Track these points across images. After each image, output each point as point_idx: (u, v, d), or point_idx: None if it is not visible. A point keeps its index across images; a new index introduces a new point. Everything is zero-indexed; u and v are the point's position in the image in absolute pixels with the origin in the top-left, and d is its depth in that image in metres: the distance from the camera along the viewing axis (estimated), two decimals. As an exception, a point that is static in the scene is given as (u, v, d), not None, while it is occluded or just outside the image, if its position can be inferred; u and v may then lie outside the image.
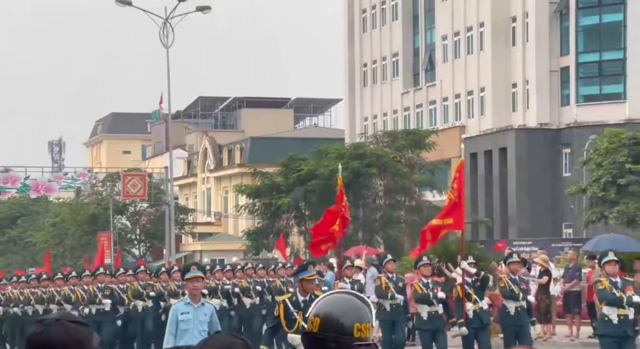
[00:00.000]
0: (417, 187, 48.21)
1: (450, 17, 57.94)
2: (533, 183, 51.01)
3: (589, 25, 52.27)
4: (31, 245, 61.94)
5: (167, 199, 47.19)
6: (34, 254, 56.05)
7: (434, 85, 59.85)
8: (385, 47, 64.10)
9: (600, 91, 52.11)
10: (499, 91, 54.64)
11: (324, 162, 45.80)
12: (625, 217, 40.22)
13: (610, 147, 41.01)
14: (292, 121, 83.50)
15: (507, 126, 53.26)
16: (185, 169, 78.46)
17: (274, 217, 47.46)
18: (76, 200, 63.53)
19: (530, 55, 53.20)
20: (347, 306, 3.86)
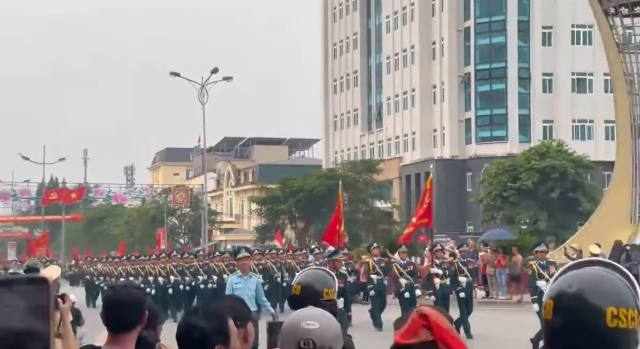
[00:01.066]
0: (370, 198, 48.55)
1: (393, 85, 57.81)
2: (448, 196, 50.63)
3: (483, 91, 52.02)
4: (112, 237, 61.69)
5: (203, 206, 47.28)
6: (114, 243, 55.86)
7: (382, 131, 59.60)
8: (349, 104, 63.97)
9: (491, 135, 51.76)
10: (425, 134, 54.28)
11: (309, 182, 45.98)
12: (507, 218, 40.41)
13: (498, 172, 41.11)
14: (287, 153, 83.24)
15: (430, 158, 53.02)
16: (215, 186, 78.22)
17: (274, 219, 47.58)
18: (142, 207, 63.60)
19: (446, 110, 52.96)
20: (319, 277, 3.95)
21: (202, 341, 2.37)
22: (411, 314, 2.41)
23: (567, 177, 39.39)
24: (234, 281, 10.87)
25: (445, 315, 2.39)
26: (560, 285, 1.72)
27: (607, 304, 1.65)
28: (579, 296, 1.67)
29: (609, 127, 46.96)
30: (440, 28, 53.50)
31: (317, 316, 2.45)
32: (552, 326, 1.70)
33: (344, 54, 64.81)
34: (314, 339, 2.37)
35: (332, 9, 66.56)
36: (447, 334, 2.33)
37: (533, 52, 50.93)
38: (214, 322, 2.40)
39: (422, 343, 2.32)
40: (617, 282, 1.70)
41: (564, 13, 50.31)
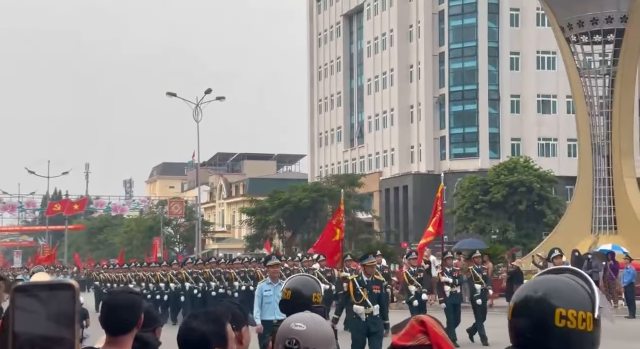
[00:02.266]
0: (352, 210, 48.56)
1: (373, 104, 57.91)
2: (423, 207, 49.83)
3: (457, 111, 52.03)
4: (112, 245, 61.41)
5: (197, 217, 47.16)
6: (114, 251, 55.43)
7: (363, 147, 59.55)
8: (333, 122, 64.01)
9: (464, 151, 51.69)
10: (403, 150, 54.29)
11: (295, 194, 45.86)
12: (479, 228, 40.47)
13: (470, 186, 41.08)
14: (275, 168, 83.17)
15: (408, 172, 53.06)
16: (208, 198, 77.98)
17: (263, 228, 47.40)
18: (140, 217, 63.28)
19: (422, 128, 52.97)
20: (307, 283, 3.97)
21: (201, 344, 2.38)
22: (409, 320, 2.46)
23: (533, 191, 39.61)
24: (263, 288, 9.92)
25: (439, 323, 2.44)
26: (523, 290, 1.76)
27: (557, 306, 1.68)
28: (533, 299, 1.71)
29: (571, 145, 47.42)
30: (417, 53, 53.81)
31: (306, 319, 2.45)
32: (512, 326, 1.75)
33: (329, 76, 65.00)
34: (298, 340, 2.38)
35: (317, 34, 66.87)
36: (442, 340, 2.38)
37: (502, 75, 51.27)
38: (213, 326, 2.40)
39: (419, 346, 2.36)
40: (575, 286, 1.71)
41: (529, 40, 50.74)
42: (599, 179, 30.49)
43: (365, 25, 59.62)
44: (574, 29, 30.32)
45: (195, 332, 2.40)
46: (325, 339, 2.41)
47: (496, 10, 51.41)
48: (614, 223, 30.19)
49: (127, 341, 2.90)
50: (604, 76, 30.41)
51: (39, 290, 1.36)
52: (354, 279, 10.23)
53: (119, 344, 2.88)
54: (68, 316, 1.35)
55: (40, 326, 1.34)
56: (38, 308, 1.34)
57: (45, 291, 1.36)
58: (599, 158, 30.55)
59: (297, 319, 2.47)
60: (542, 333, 1.68)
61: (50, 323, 1.35)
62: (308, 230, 48.25)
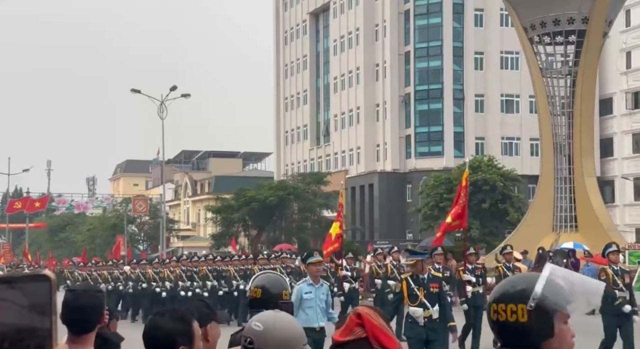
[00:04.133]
0: (318, 208, 48.58)
1: (339, 103, 57.92)
2: (389, 206, 50.89)
3: (422, 110, 52.23)
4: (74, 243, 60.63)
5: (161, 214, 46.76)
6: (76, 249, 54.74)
7: (329, 145, 59.56)
8: (299, 120, 63.88)
9: (429, 150, 51.93)
10: (369, 148, 54.37)
11: (261, 192, 45.68)
12: (443, 226, 41.08)
13: (435, 184, 41.44)
14: (241, 166, 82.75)
15: (373, 170, 53.17)
16: (173, 196, 77.42)
17: (229, 226, 47.16)
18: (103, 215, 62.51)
19: (388, 126, 53.09)
20: (276, 280, 3.93)
21: (167, 342, 2.37)
22: (349, 313, 2.47)
23: (497, 189, 40.04)
24: (302, 289, 8.19)
25: (380, 314, 2.44)
26: None
27: (493, 300, 1.89)
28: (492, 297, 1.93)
29: (534, 144, 48.06)
30: (382, 52, 53.98)
31: (267, 319, 2.39)
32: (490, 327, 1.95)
33: (294, 74, 64.89)
34: (253, 339, 2.35)
35: (283, 32, 66.72)
36: (379, 330, 2.38)
37: (466, 75, 51.68)
38: (179, 324, 2.40)
39: (356, 339, 2.37)
40: (516, 281, 1.89)
41: (493, 40, 51.27)
42: (560, 178, 30.98)
43: (331, 24, 59.65)
44: (537, 29, 30.74)
45: (161, 330, 2.39)
46: (283, 341, 2.35)
47: (461, 10, 51.81)
48: (575, 221, 30.70)
49: (89, 339, 2.88)
50: (565, 76, 30.89)
51: (15, 281, 1.37)
52: (408, 277, 8.81)
53: (81, 342, 2.86)
54: (44, 306, 1.37)
55: (16, 316, 1.35)
56: (15, 298, 1.36)
57: (23, 282, 1.37)
58: (560, 157, 31.03)
59: (260, 318, 2.42)
60: (492, 326, 1.92)
61: (27, 313, 1.36)
62: (274, 228, 48.13)
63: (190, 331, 2.40)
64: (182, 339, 2.38)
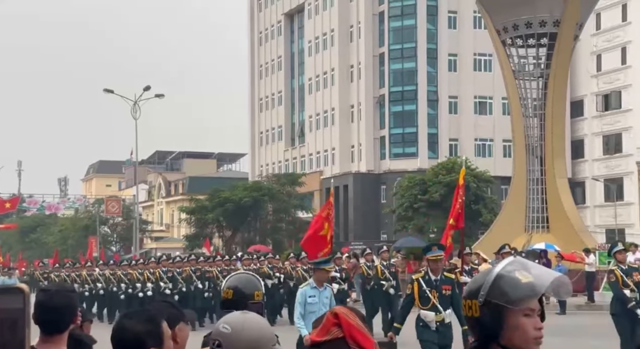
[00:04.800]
0: (293, 209, 48.55)
1: (314, 104, 57.96)
2: (363, 206, 50.99)
3: (396, 111, 52.47)
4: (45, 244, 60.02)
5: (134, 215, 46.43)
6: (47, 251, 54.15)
7: (304, 146, 59.59)
8: (274, 121, 63.77)
9: (403, 151, 52.15)
10: (344, 149, 54.49)
11: (235, 193, 45.61)
12: (417, 227, 41.00)
13: (409, 185, 41.65)
14: (215, 167, 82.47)
15: (348, 171, 53.28)
16: (147, 196, 76.98)
17: (203, 227, 47.07)
18: (75, 216, 61.95)
19: (362, 128, 53.21)
20: (249, 281, 3.88)
21: (135, 344, 2.32)
22: (326, 313, 2.47)
23: (470, 190, 40.31)
24: (306, 293, 8.07)
25: (357, 313, 2.45)
26: None
27: (462, 297, 2.00)
28: None
29: (506, 145, 48.52)
30: (357, 53, 54.12)
31: (236, 321, 2.37)
32: None
33: (269, 75, 64.79)
34: (221, 342, 2.33)
35: (258, 33, 66.58)
36: (355, 330, 2.39)
37: (440, 76, 52.01)
38: (147, 325, 2.35)
39: (333, 339, 2.37)
40: (477, 278, 1.96)
41: (466, 42, 51.65)
42: (532, 179, 31.28)
43: (306, 24, 59.67)
44: (509, 32, 31.02)
45: (129, 332, 2.33)
46: (252, 343, 2.33)
47: (434, 12, 52.16)
48: (546, 222, 31.02)
49: (61, 339, 2.85)
50: (537, 78, 31.21)
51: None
52: (419, 278, 8.29)
53: (53, 342, 2.82)
54: (18, 319, 1.35)
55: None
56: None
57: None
58: (532, 158, 31.34)
59: (227, 320, 2.39)
60: None
61: (0, 326, 1.34)
62: (248, 229, 48.03)
63: (160, 332, 2.35)
64: (151, 341, 2.33)
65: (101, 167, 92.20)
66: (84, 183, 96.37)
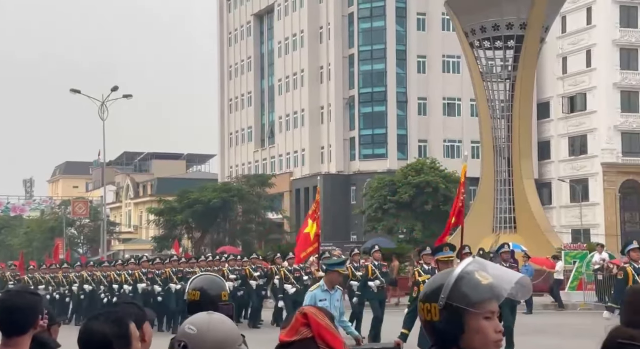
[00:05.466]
0: (263, 210, 48.42)
1: (284, 105, 57.85)
2: (333, 207, 50.78)
3: (366, 113, 52.58)
4: (11, 247, 59.04)
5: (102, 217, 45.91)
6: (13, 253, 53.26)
7: (274, 147, 59.43)
8: (244, 122, 63.55)
9: (373, 152, 52.20)
10: (314, 150, 54.41)
11: (205, 194, 45.38)
12: (387, 228, 41.12)
13: (379, 187, 41.73)
14: (184, 168, 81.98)
15: (318, 173, 52.36)
16: (115, 198, 76.19)
17: (172, 229, 46.76)
18: (41, 218, 61.10)
19: (332, 129, 53.25)
20: (214, 282, 3.81)
21: (103, 346, 2.30)
22: (296, 314, 2.46)
23: (439, 191, 40.58)
24: (317, 296, 7.67)
25: (326, 313, 2.46)
26: None
27: (419, 299, 1.91)
28: None
29: (475, 146, 48.93)
30: (327, 54, 54.18)
31: (201, 322, 2.36)
32: None
33: (239, 76, 64.59)
34: (187, 343, 2.32)
35: (228, 34, 66.32)
36: (324, 330, 2.39)
37: (409, 78, 52.25)
38: (115, 327, 2.32)
39: (303, 339, 2.37)
40: (435, 280, 1.89)
41: (435, 44, 51.93)
42: (500, 180, 31.62)
43: (275, 26, 59.58)
44: (477, 34, 31.32)
45: (97, 334, 2.30)
46: (218, 344, 2.31)
47: (403, 14, 52.40)
48: (514, 222, 31.37)
49: (23, 342, 2.78)
50: (504, 80, 31.55)
51: None
52: (427, 280, 7.90)
53: (15, 345, 2.77)
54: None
55: None
56: None
57: None
58: (500, 160, 31.67)
59: (193, 321, 2.38)
60: None
61: None
62: (218, 230, 47.80)
63: (128, 334, 2.33)
64: (119, 343, 2.30)
65: (68, 168, 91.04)
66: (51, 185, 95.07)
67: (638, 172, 47.53)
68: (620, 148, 48.04)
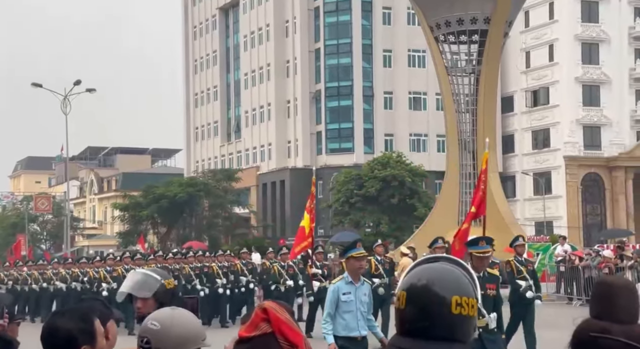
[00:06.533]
0: (229, 204, 48.22)
1: (250, 99, 57.61)
2: (300, 202, 50.20)
3: (332, 107, 52.64)
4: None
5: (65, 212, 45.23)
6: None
7: (240, 141, 59.18)
8: (209, 116, 63.18)
9: (340, 146, 52.29)
10: (280, 144, 54.28)
11: (170, 189, 45.05)
12: (353, 222, 41.38)
13: (345, 180, 42.05)
14: (149, 162, 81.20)
15: (284, 167, 53.15)
16: (78, 193, 75.13)
17: (137, 224, 46.34)
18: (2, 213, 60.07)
19: (299, 123, 53.19)
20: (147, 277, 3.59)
21: (67, 342, 2.27)
22: (254, 309, 2.44)
23: (405, 184, 40.87)
24: (340, 289, 6.65)
25: (286, 308, 2.45)
26: (411, 278, 1.78)
27: (451, 293, 1.73)
28: (427, 287, 1.74)
29: (440, 140, 49.33)
30: (293, 48, 54.07)
31: (164, 317, 2.36)
32: (404, 314, 1.75)
33: (204, 70, 64.14)
34: (149, 339, 2.32)
35: (193, 27, 65.73)
36: (284, 325, 2.37)
37: (375, 72, 52.40)
38: (79, 323, 2.30)
39: (262, 334, 2.35)
40: (458, 274, 1.79)
41: (401, 38, 52.16)
42: (465, 174, 31.86)
43: (241, 19, 59.27)
44: (442, 28, 31.47)
45: (60, 330, 2.27)
46: (181, 339, 2.32)
47: (369, 8, 52.49)
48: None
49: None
50: (469, 74, 31.75)
51: None
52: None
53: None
54: None
55: None
56: None
57: None
58: (465, 153, 31.91)
59: (156, 317, 2.37)
60: (438, 320, 1.72)
61: None
62: (184, 225, 47.46)
63: (92, 330, 2.31)
64: (84, 338, 2.28)
65: (30, 163, 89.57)
66: (12, 180, 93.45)
67: (599, 165, 48.38)
68: (582, 141, 48.82)
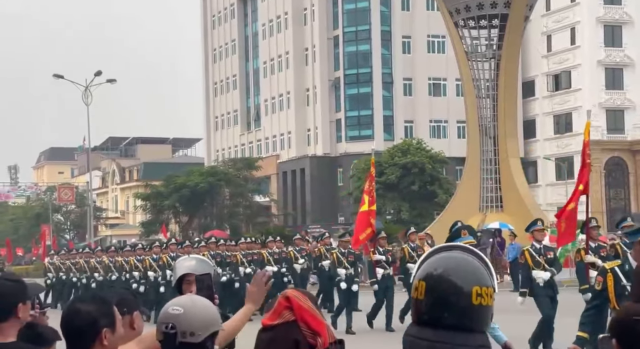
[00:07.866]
0: (250, 193, 48.34)
1: (269, 87, 57.62)
2: (321, 189, 50.88)
3: (351, 94, 52.53)
4: (-5, 233, 58.79)
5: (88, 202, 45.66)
6: (-2, 240, 53.08)
7: (259, 130, 59.23)
8: (229, 105, 63.30)
9: (359, 133, 52.14)
10: (300, 132, 54.23)
11: (191, 178, 45.26)
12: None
13: (365, 168, 41.74)
14: (170, 152, 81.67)
15: (304, 155, 53.18)
16: (100, 183, 75.80)
17: (158, 213, 46.65)
18: (27, 204, 60.73)
19: (318, 111, 53.11)
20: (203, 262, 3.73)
21: (88, 324, 2.31)
22: (278, 297, 2.46)
23: (425, 171, 40.65)
24: None
25: (309, 297, 2.46)
26: (429, 267, 1.76)
27: (472, 284, 1.72)
28: (448, 278, 1.72)
29: (460, 126, 48.96)
30: (311, 36, 53.88)
31: (185, 301, 2.41)
32: (423, 304, 1.73)
33: (223, 59, 64.18)
34: (174, 324, 2.35)
35: (211, 16, 65.73)
36: (307, 313, 2.39)
37: (394, 58, 52.11)
38: (100, 305, 2.36)
39: (285, 322, 2.38)
40: (476, 263, 1.77)
41: (420, 24, 51.74)
42: (486, 160, 31.66)
43: (259, 7, 59.12)
44: (461, 13, 31.16)
45: (81, 313, 2.33)
46: (205, 322, 2.37)
47: (387, -6, 52.26)
48: (500, 201, 31.46)
49: (7, 328, 2.71)
50: (489, 60, 31.46)
51: None
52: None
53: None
54: None
55: None
56: None
57: None
58: (485, 139, 31.68)
59: (176, 303, 2.42)
60: (459, 310, 1.71)
61: None
62: (205, 214, 47.70)
63: (112, 313, 2.37)
64: (104, 321, 2.33)
65: (53, 154, 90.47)
66: (35, 171, 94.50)
67: (622, 149, 47.79)
68: (605, 125, 48.22)
